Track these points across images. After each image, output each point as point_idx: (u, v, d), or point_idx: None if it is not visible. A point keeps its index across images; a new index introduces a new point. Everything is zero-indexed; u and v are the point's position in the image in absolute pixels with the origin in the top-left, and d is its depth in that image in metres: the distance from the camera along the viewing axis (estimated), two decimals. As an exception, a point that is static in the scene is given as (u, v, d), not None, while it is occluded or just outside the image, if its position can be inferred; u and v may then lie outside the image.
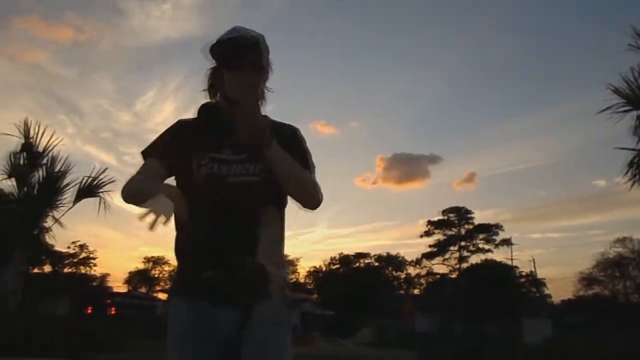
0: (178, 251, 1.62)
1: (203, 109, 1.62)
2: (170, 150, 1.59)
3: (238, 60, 1.57)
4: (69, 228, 8.74)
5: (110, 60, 61.05)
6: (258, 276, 1.51)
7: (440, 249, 46.35)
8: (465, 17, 63.60)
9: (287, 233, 1.68)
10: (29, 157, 7.98)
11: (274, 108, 1.73)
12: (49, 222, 8.85)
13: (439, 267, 47.10)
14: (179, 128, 1.67)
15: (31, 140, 7.97)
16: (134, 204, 1.47)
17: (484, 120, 69.31)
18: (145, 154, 1.63)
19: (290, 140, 1.64)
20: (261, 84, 1.65)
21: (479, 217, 56.49)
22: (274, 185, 1.56)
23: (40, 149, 8.12)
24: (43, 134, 8.17)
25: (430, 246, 46.95)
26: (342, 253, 52.23)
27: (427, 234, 47.23)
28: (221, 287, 1.48)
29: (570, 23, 61.92)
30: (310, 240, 69.70)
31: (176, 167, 1.58)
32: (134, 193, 1.51)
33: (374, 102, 71.41)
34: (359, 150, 73.32)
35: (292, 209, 1.63)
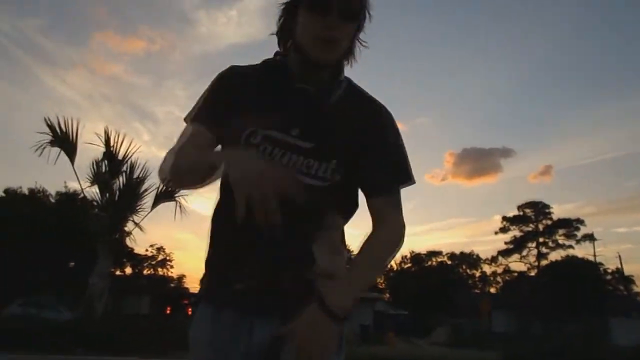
0: (212, 247, 1.26)
1: (267, 67, 1.21)
2: (219, 113, 1.21)
3: (328, 2, 1.12)
4: (148, 231, 9.14)
5: (181, 68, 63.49)
6: (306, 289, 1.14)
7: (517, 245, 44.58)
8: (538, 8, 60.87)
9: (356, 232, 1.30)
10: (110, 165, 8.40)
11: None
12: (129, 226, 9.31)
13: (516, 264, 45.38)
14: (233, 80, 1.26)
15: (112, 148, 8.39)
16: (182, 183, 1.24)
17: (559, 110, 65.90)
18: (187, 119, 1.26)
19: (369, 129, 1.23)
20: (349, 38, 1.21)
21: (558, 211, 53.91)
22: (345, 191, 1.22)
23: (120, 156, 8.53)
24: (122, 142, 8.59)
25: (506, 243, 45.35)
26: (413, 251, 51.46)
27: (503, 230, 45.62)
28: (258, 298, 1.15)
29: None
30: (380, 239, 69.06)
31: (224, 135, 1.20)
32: (184, 169, 1.15)
33: (442, 97, 70.01)
34: (428, 147, 71.86)
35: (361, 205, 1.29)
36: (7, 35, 46.26)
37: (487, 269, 48.85)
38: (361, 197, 1.28)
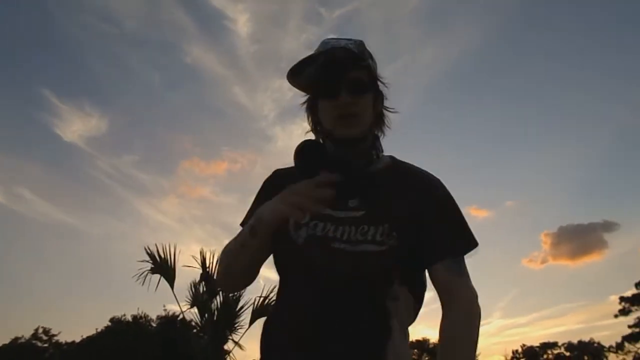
0: (265, 333, 1.20)
1: (301, 151, 1.20)
2: None
3: (333, 83, 1.18)
4: (247, 348, 9.08)
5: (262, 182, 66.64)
6: None
7: (643, 328, 39.97)
8: (627, 62, 59.42)
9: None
10: (208, 285, 8.59)
11: None
12: (229, 346, 9.28)
13: (647, 350, 40.32)
14: (274, 182, 1.31)
15: (208, 269, 8.62)
16: (234, 282, 1.24)
17: (661, 174, 61.34)
18: (241, 224, 1.30)
19: (422, 198, 1.21)
20: (372, 107, 1.24)
21: (683, 284, 48.12)
22: (407, 255, 1.14)
23: (216, 276, 8.75)
24: (218, 262, 8.83)
25: (630, 326, 40.77)
26: (524, 345, 47.29)
27: (623, 312, 41.23)
28: None
29: None
30: (486, 333, 64.21)
31: (274, 234, 1.17)
32: (230, 258, 1.19)
33: (527, 176, 67.61)
34: (520, 230, 68.55)
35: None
36: (106, 173, 51.00)
37: (614, 358, 43.68)
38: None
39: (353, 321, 1.08)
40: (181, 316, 9.38)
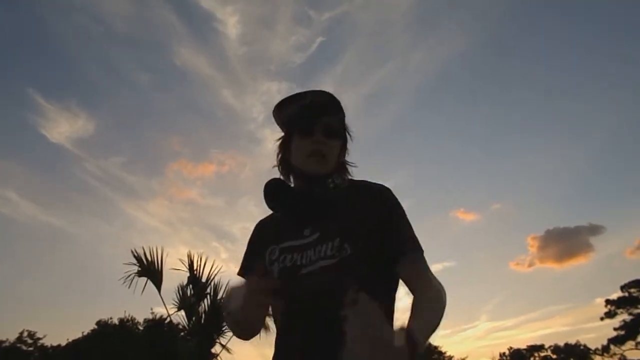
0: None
1: (269, 191, 1.36)
2: (249, 265, 1.41)
3: (310, 123, 1.34)
4: (235, 352, 9.02)
5: (251, 185, 66.37)
6: None
7: (629, 330, 40.29)
8: (621, 69, 60.10)
9: (447, 331, 1.26)
10: (195, 288, 8.54)
11: (411, 204, 1.51)
12: (217, 349, 9.23)
13: (633, 353, 40.71)
14: (256, 232, 1.48)
15: (195, 272, 8.56)
16: (249, 335, 1.34)
17: (645, 177, 62.06)
18: (240, 275, 1.46)
19: (373, 207, 1.34)
20: (337, 154, 1.39)
21: (668, 288, 48.67)
22: (360, 263, 1.24)
23: (204, 279, 8.67)
24: (205, 264, 8.76)
25: (615, 329, 41.15)
26: (511, 347, 47.56)
27: (609, 315, 41.62)
28: None
29: None
30: (473, 337, 64.71)
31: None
32: (230, 324, 1.35)
33: (514, 179, 68.11)
34: (507, 233, 69.17)
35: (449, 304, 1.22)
36: (93, 175, 50.56)
37: (599, 360, 44.07)
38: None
39: (315, 336, 1.20)
40: (168, 319, 9.29)
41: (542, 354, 46.29)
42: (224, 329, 9.20)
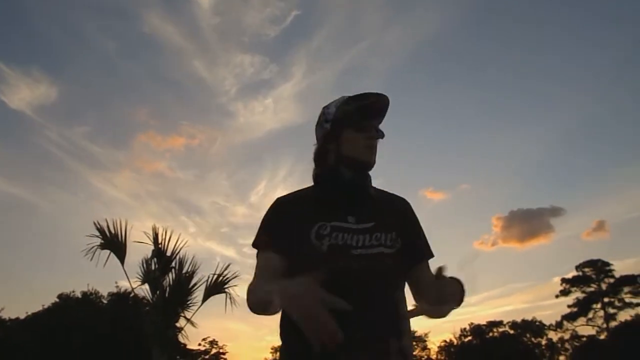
0: (291, 330, 1.30)
1: (325, 175, 1.51)
2: (280, 236, 1.43)
3: (371, 120, 1.53)
4: (200, 325, 9.04)
5: (222, 159, 65.64)
6: None
7: (581, 308, 42.05)
8: (580, 57, 61.25)
9: (412, 307, 1.52)
10: (160, 262, 8.48)
11: (381, 183, 1.64)
12: (181, 323, 9.23)
13: (583, 328, 42.56)
14: (282, 207, 1.52)
15: (160, 245, 8.49)
16: (262, 314, 1.35)
17: (604, 164, 64.14)
18: (256, 246, 1.49)
19: (404, 213, 1.58)
20: None
21: (621, 267, 51.32)
22: (405, 257, 1.46)
23: (169, 253, 8.62)
24: (170, 238, 8.70)
25: (569, 306, 42.90)
26: (472, 323, 49.03)
27: (564, 293, 43.31)
28: None
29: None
30: (436, 313, 66.20)
31: (291, 247, 1.40)
32: (257, 306, 1.35)
33: (482, 160, 69.50)
34: (473, 213, 70.72)
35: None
36: (57, 144, 49.29)
37: (553, 335, 45.92)
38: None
39: (376, 310, 1.31)
40: (133, 293, 9.22)
41: (500, 330, 47.88)
42: (188, 302, 9.22)
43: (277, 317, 1.38)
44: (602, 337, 40.60)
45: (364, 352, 1.25)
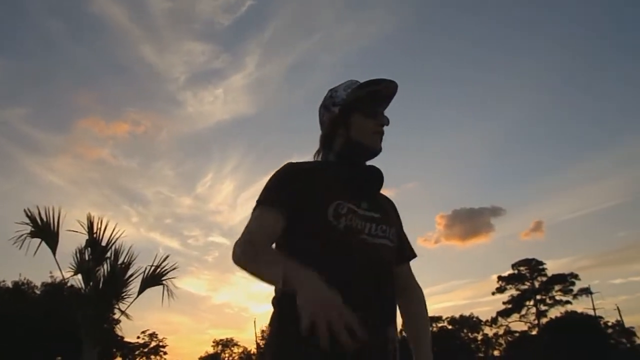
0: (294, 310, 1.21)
1: (346, 154, 1.50)
2: (290, 200, 1.37)
3: (379, 107, 1.54)
4: (139, 317, 8.87)
5: (169, 148, 64.27)
6: (396, 350, 1.38)
7: (515, 305, 43.91)
8: (520, 63, 63.46)
9: None
10: (94, 252, 8.24)
11: None
12: (116, 315, 9.02)
13: (516, 324, 44.45)
14: (297, 173, 1.44)
15: (94, 235, 8.26)
16: (249, 275, 1.28)
17: (545, 165, 67.03)
18: (261, 202, 1.40)
19: (395, 211, 1.63)
20: None
21: (554, 266, 53.73)
22: (397, 254, 1.51)
23: (104, 243, 8.39)
24: (106, 228, 8.47)
25: (504, 303, 44.67)
26: (412, 318, 50.08)
27: (500, 290, 45.09)
28: None
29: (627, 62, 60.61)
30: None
31: (302, 214, 1.36)
32: (252, 271, 1.27)
33: (428, 160, 71.11)
34: (419, 210, 71.94)
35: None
36: (-8, 128, 46.81)
37: (489, 331, 47.73)
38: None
39: (382, 298, 1.35)
40: (69, 284, 8.93)
41: (439, 325, 49.31)
42: (123, 294, 9.01)
43: (218, 309, 1.32)
44: (534, 332, 42.54)
45: (372, 337, 1.21)
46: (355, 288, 1.28)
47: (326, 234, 1.34)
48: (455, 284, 75.82)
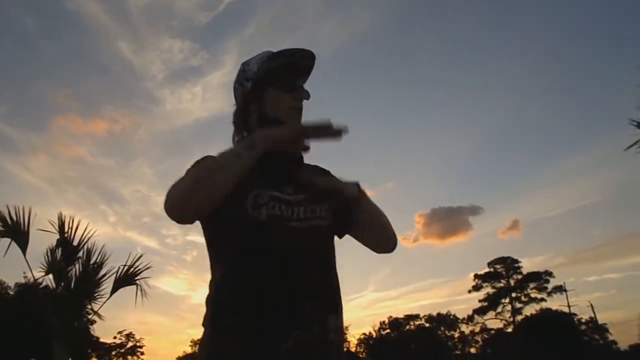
0: (224, 309, 1.23)
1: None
2: None
3: (297, 80, 1.41)
4: (116, 317, 8.81)
5: (147, 146, 63.63)
6: (341, 341, 1.28)
7: (491, 302, 44.54)
8: (498, 62, 64.22)
9: None
10: (65, 252, 8.19)
11: None
12: (90, 315, 8.97)
13: (492, 322, 45.10)
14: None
15: (66, 235, 8.20)
16: (209, 194, 1.17)
17: (521, 165, 68.12)
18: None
19: (325, 174, 1.49)
20: None
21: (530, 264, 54.82)
22: (338, 225, 1.41)
23: (76, 242, 8.33)
24: (77, 227, 8.41)
25: (480, 301, 45.27)
26: (391, 316, 50.62)
27: (476, 288, 45.70)
28: (305, 359, 1.17)
29: (603, 63, 61.78)
30: (359, 306, 67.73)
31: (220, 212, 1.23)
32: (209, 173, 1.20)
33: (407, 159, 71.62)
34: (397, 209, 72.34)
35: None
36: (-35, 126, 45.82)
37: (465, 328, 48.33)
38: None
39: (317, 285, 1.25)
40: (44, 284, 8.83)
41: (417, 323, 49.75)
42: (95, 294, 8.96)
43: (197, 308, 1.32)
44: (509, 330, 43.19)
45: (307, 329, 1.18)
46: (285, 281, 1.20)
47: (247, 229, 1.24)
48: (433, 283, 76.65)
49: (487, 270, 45.46)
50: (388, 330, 49.94)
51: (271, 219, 1.24)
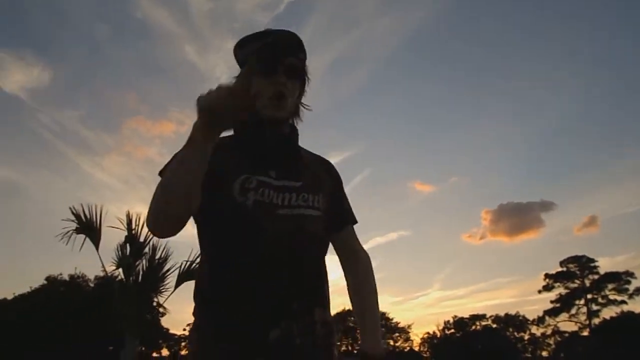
0: (211, 299, 1.22)
1: (250, 123, 1.29)
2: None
3: (273, 62, 1.29)
4: (182, 311, 9.25)
5: (213, 149, 65.34)
6: (329, 334, 1.26)
7: (564, 304, 42.53)
8: (572, 52, 61.37)
9: (398, 298, 1.51)
10: (132, 248, 8.66)
11: (370, 173, 1.55)
12: (155, 307, 9.45)
13: (566, 324, 43.10)
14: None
15: (133, 231, 8.67)
16: (173, 211, 1.10)
17: (598, 156, 63.57)
18: (162, 174, 1.26)
19: (330, 175, 1.45)
20: (296, 96, 1.37)
21: (609, 264, 52.09)
22: (330, 221, 1.36)
23: (142, 239, 8.80)
24: (144, 224, 8.87)
25: (552, 302, 43.36)
26: (456, 316, 49.54)
27: (547, 288, 43.78)
28: (292, 350, 1.16)
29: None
30: (423, 304, 66.88)
31: (207, 198, 1.18)
32: (166, 189, 1.11)
33: (473, 153, 69.61)
34: (462, 206, 70.80)
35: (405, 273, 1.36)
36: (48, 127, 49.13)
37: (536, 330, 46.48)
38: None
39: (304, 277, 1.23)
40: (119, 277, 9.40)
41: (483, 323, 48.38)
42: (161, 288, 9.40)
43: None
44: (585, 333, 41.17)
45: (293, 322, 1.18)
46: (271, 270, 1.18)
47: (231, 216, 1.21)
48: (501, 282, 73.72)
49: (559, 269, 43.54)
50: (453, 330, 48.93)
51: (259, 204, 1.21)
